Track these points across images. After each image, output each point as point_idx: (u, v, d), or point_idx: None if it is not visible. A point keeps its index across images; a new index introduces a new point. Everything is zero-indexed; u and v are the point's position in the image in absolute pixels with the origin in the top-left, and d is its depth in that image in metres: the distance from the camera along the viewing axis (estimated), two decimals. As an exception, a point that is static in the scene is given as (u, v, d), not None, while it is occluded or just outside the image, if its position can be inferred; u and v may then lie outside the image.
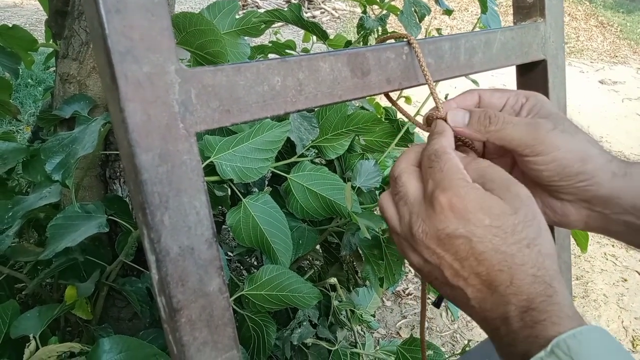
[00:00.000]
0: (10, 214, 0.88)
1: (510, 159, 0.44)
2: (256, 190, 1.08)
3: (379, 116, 1.04)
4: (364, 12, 1.26)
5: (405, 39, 0.42)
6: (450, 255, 0.34)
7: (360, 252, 1.04)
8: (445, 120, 0.41)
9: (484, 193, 0.34)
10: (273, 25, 1.14)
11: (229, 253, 1.51)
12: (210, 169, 0.84)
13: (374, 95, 0.41)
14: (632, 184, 0.38)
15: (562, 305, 0.32)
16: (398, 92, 1.30)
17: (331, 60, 0.37)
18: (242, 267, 1.57)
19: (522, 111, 0.42)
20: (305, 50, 1.60)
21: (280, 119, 0.97)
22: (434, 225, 0.34)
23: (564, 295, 0.32)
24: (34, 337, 0.75)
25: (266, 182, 1.17)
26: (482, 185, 0.35)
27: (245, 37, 1.05)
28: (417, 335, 1.02)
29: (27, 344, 0.74)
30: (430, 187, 0.35)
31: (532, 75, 0.54)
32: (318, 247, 1.22)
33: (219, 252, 0.32)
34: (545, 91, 0.53)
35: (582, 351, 0.28)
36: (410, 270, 2.01)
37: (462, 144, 0.42)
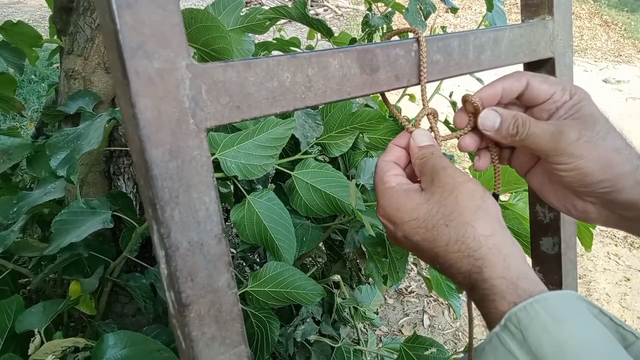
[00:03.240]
0: (14, 209, 0.88)
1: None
2: (260, 187, 1.08)
3: (383, 114, 1.04)
4: (369, 9, 1.26)
5: (413, 34, 0.42)
6: (412, 251, 0.38)
7: (364, 249, 1.04)
8: (476, 110, 0.42)
9: (399, 194, 0.38)
10: (277, 22, 1.14)
11: (233, 250, 1.52)
12: (214, 166, 0.84)
13: (383, 92, 0.41)
14: None
15: (492, 278, 0.32)
16: (402, 90, 1.30)
17: (340, 57, 0.36)
18: (245, 264, 1.57)
19: (561, 109, 0.41)
20: (310, 48, 1.59)
21: (285, 116, 0.97)
22: (387, 233, 0.39)
23: (495, 265, 0.32)
24: (39, 332, 0.75)
25: (270, 179, 1.17)
26: (424, 182, 0.38)
27: (250, 34, 1.05)
28: (420, 333, 1.02)
29: (31, 339, 0.74)
30: None
31: (540, 73, 0.53)
32: (321, 244, 1.22)
33: (228, 248, 0.32)
34: (552, 89, 0.53)
35: (530, 323, 0.29)
36: (412, 268, 2.01)
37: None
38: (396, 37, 0.45)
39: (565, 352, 0.27)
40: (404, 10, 1.11)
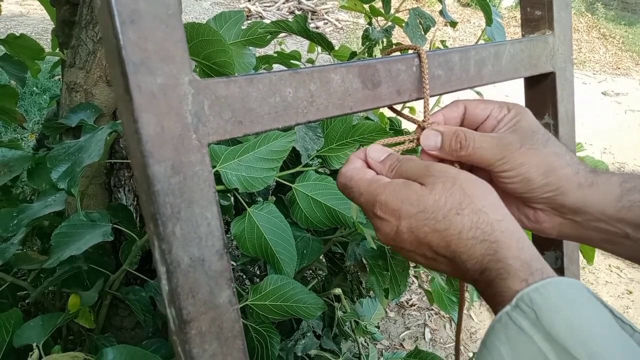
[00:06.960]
0: (14, 222, 0.88)
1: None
2: (261, 199, 1.08)
3: (383, 126, 1.04)
4: (369, 23, 1.27)
5: (414, 51, 0.42)
6: (411, 248, 0.37)
7: (365, 262, 1.03)
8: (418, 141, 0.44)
9: (399, 188, 0.37)
10: (278, 36, 1.14)
11: (233, 262, 1.51)
12: (215, 178, 0.84)
13: (384, 106, 0.41)
14: (599, 194, 0.40)
15: (507, 258, 0.33)
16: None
17: (342, 72, 0.37)
18: (245, 277, 1.56)
19: (501, 123, 0.43)
20: (310, 61, 1.60)
21: (286, 128, 0.97)
22: (384, 233, 0.38)
23: (509, 247, 0.34)
24: (37, 346, 0.75)
25: (271, 192, 1.17)
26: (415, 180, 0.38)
27: (251, 48, 1.05)
28: (421, 347, 1.01)
29: (30, 353, 0.74)
30: (364, 209, 0.39)
31: (541, 88, 0.54)
32: (322, 257, 1.22)
33: (229, 264, 0.32)
34: (553, 104, 0.53)
35: (544, 303, 0.30)
36: (413, 281, 2.00)
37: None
38: (398, 53, 0.45)
39: (578, 332, 0.28)
40: (403, 24, 1.12)
